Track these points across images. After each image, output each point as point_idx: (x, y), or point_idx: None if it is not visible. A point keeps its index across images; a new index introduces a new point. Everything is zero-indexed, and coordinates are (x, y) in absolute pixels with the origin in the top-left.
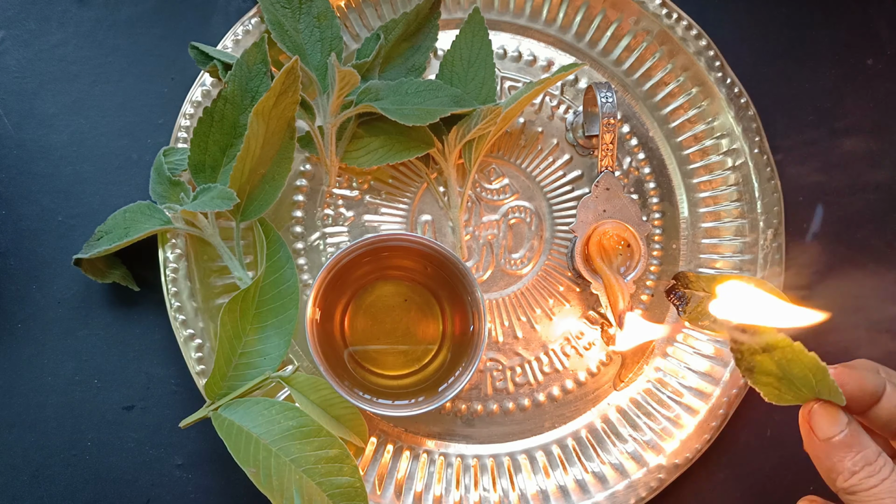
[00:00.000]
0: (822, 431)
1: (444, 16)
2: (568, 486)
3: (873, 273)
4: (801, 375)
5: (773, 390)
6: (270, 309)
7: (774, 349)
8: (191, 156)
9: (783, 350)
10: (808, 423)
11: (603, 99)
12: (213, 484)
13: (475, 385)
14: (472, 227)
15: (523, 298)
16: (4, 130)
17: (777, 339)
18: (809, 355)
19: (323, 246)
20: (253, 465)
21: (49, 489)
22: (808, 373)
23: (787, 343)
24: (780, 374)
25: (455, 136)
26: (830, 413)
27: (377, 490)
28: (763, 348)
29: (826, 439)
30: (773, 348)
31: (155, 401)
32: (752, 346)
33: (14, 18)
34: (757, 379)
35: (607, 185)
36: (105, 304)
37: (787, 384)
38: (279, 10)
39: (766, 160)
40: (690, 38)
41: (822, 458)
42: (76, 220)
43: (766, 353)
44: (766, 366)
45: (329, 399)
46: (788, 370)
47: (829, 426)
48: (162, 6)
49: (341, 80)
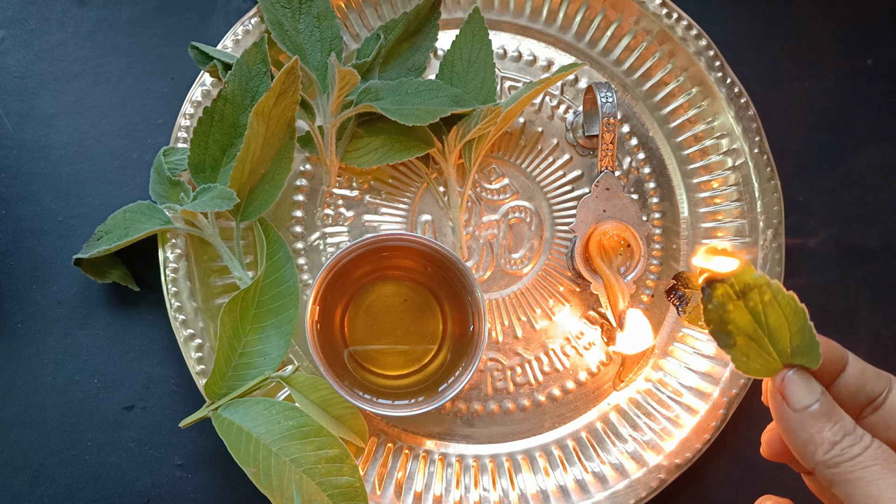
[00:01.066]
0: (798, 400)
1: (444, 16)
2: (568, 486)
3: (873, 272)
4: (776, 326)
5: (743, 357)
6: (270, 309)
7: (751, 290)
8: (191, 156)
9: (761, 290)
10: (780, 393)
11: (603, 99)
12: (213, 484)
13: (475, 385)
14: (472, 227)
15: (523, 298)
16: (4, 130)
17: (756, 278)
18: (788, 294)
19: (323, 246)
20: (253, 465)
21: (49, 489)
22: (784, 322)
23: (764, 281)
24: (753, 329)
25: (455, 136)
26: (805, 380)
27: (377, 490)
28: (740, 291)
29: (802, 409)
30: (750, 289)
31: (155, 401)
32: (728, 291)
33: (14, 18)
34: (726, 340)
35: (607, 185)
36: (105, 304)
37: (759, 345)
38: (279, 10)
39: (766, 160)
40: (690, 38)
41: (798, 430)
42: (76, 220)
43: (741, 298)
44: (740, 319)
45: (329, 399)
46: (764, 319)
47: (804, 394)
48: (162, 6)
49: (341, 80)
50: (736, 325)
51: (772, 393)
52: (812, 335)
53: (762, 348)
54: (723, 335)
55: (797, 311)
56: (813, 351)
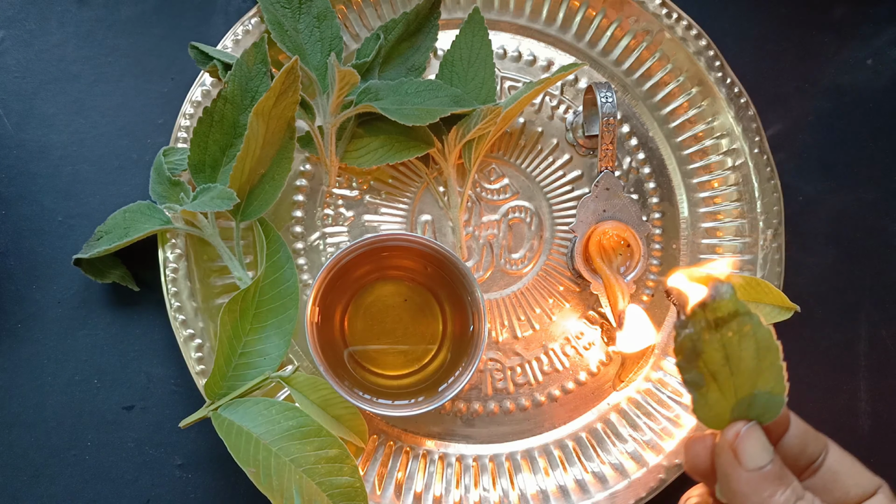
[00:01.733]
0: (752, 459)
1: (444, 16)
2: (568, 486)
3: (873, 272)
4: (746, 365)
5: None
6: (270, 309)
7: (733, 319)
8: (191, 156)
9: (741, 321)
10: (732, 450)
11: (603, 99)
12: (213, 484)
13: (475, 385)
14: (472, 227)
15: (523, 298)
16: (4, 130)
17: (738, 307)
18: (766, 329)
19: (323, 246)
20: (253, 465)
21: (49, 489)
22: (754, 361)
23: (746, 312)
24: (721, 366)
25: (455, 136)
26: (760, 437)
27: (377, 490)
28: (719, 319)
29: (755, 469)
30: (731, 318)
31: (155, 401)
32: (707, 318)
33: (14, 18)
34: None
35: (607, 185)
36: (105, 304)
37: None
38: (279, 10)
39: (766, 160)
40: (690, 38)
41: (750, 492)
42: (76, 220)
43: (719, 328)
44: (711, 352)
45: (329, 399)
46: (736, 355)
47: (759, 452)
48: (162, 6)
49: (341, 80)
50: (706, 358)
51: (721, 448)
52: (781, 375)
53: (723, 392)
54: (690, 370)
55: (771, 348)
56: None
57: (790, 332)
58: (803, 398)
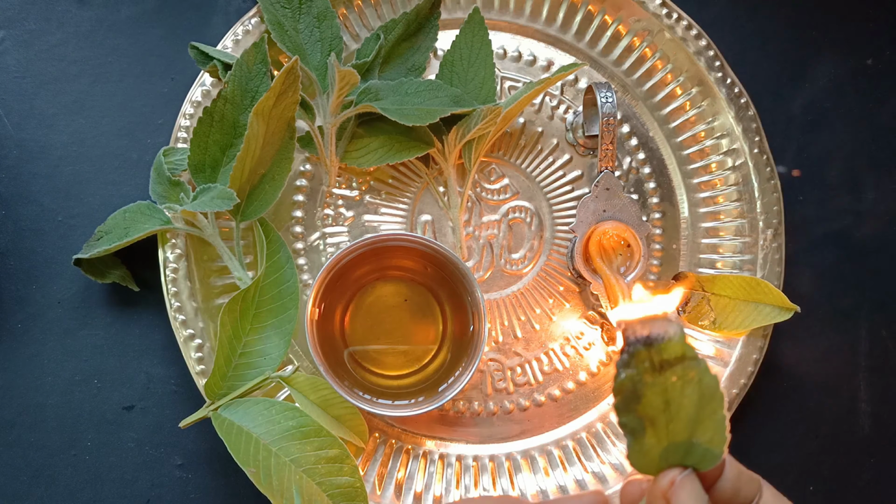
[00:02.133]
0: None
1: (444, 16)
2: (568, 486)
3: (873, 272)
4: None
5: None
6: (270, 309)
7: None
8: (191, 156)
9: (686, 367)
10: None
11: (603, 99)
12: (213, 484)
13: (475, 385)
14: (472, 227)
15: (523, 298)
16: (4, 130)
17: (686, 351)
18: (713, 377)
19: (323, 246)
20: (253, 465)
21: (49, 489)
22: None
23: (694, 357)
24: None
25: (455, 136)
26: (695, 486)
27: (377, 490)
28: (663, 362)
29: None
30: (675, 363)
31: (155, 401)
32: (651, 359)
33: (14, 18)
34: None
35: (607, 185)
36: (105, 304)
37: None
38: (279, 10)
39: (766, 160)
40: (690, 38)
41: None
42: (76, 220)
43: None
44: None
45: (329, 399)
46: (676, 399)
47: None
48: (162, 6)
49: (341, 80)
50: (645, 402)
51: (654, 496)
52: (722, 425)
53: (658, 438)
54: (628, 414)
55: (716, 398)
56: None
57: (790, 332)
58: (804, 398)
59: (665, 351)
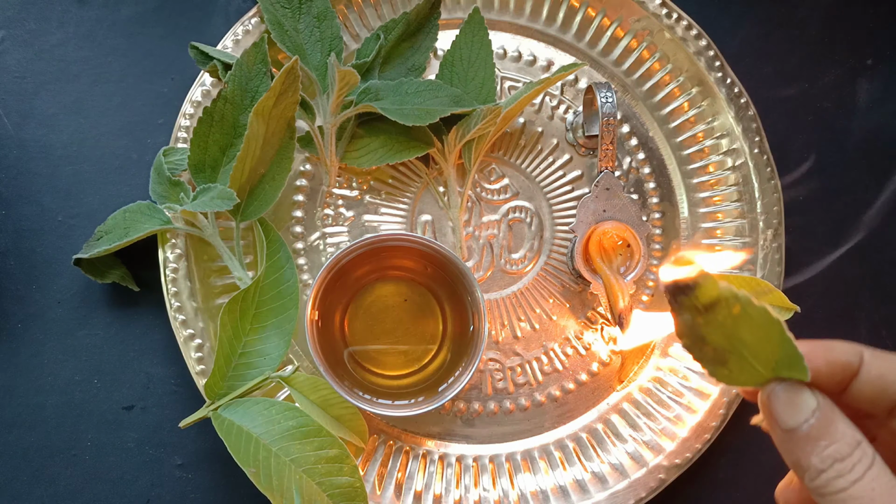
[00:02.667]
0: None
1: (444, 16)
2: (568, 486)
3: (873, 272)
4: (752, 342)
5: (722, 369)
6: (270, 309)
7: (717, 305)
8: (191, 156)
9: (728, 303)
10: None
11: (603, 99)
12: (213, 484)
13: (475, 385)
14: (472, 227)
15: (523, 298)
16: (4, 130)
17: (720, 291)
18: (759, 306)
19: (323, 246)
20: (253, 465)
21: (49, 489)
22: (759, 336)
23: (730, 293)
24: (730, 343)
25: (455, 136)
26: (793, 396)
27: (377, 490)
28: (705, 305)
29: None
30: (716, 304)
31: (155, 401)
32: (694, 304)
33: (14, 18)
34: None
35: (607, 185)
36: (105, 304)
37: (739, 358)
38: (279, 10)
39: (766, 160)
40: (690, 38)
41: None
42: (76, 220)
43: (708, 313)
44: (712, 334)
45: (329, 399)
46: (736, 334)
47: (792, 413)
48: (162, 6)
49: (341, 80)
50: (710, 341)
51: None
52: (792, 348)
53: (743, 361)
54: (696, 349)
55: (772, 324)
56: (798, 364)
57: None
58: None
59: (702, 295)
